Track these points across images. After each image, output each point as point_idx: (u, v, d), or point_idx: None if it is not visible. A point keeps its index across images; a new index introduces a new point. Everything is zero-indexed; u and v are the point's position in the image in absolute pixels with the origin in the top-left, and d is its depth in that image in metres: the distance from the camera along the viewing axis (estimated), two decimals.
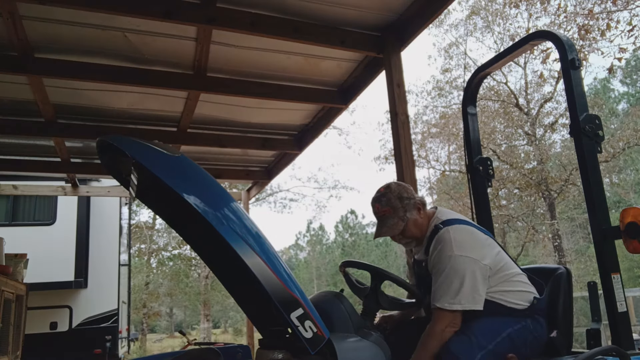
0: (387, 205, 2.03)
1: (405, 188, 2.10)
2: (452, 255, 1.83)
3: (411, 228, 2.04)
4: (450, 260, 1.83)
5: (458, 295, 1.79)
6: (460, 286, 1.79)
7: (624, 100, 27.20)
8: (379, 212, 2.05)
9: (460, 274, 1.80)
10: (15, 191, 6.57)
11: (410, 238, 2.07)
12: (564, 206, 19.13)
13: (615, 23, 11.90)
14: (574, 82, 2.04)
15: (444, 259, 1.85)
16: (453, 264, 1.82)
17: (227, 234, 1.39)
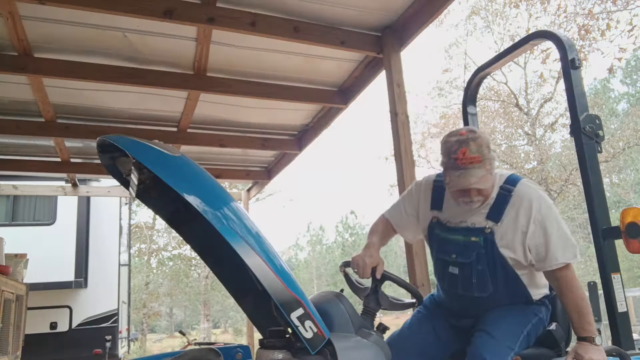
0: (477, 153, 1.68)
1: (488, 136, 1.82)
2: (552, 206, 1.76)
3: (490, 186, 1.77)
4: (552, 211, 1.74)
5: (574, 245, 1.74)
6: (570, 236, 1.75)
7: (624, 100, 27.20)
8: (467, 159, 1.67)
9: (564, 224, 1.76)
10: (15, 191, 6.57)
11: (484, 197, 1.78)
12: (564, 206, 19.13)
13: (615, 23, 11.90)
14: (574, 82, 2.05)
15: (548, 213, 1.73)
16: (556, 215, 1.75)
17: (227, 234, 1.39)
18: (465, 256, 1.81)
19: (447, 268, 1.87)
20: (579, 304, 1.72)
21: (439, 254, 1.93)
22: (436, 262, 1.97)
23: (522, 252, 1.76)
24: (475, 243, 1.80)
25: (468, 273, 1.81)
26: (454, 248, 1.85)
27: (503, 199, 1.78)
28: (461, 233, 1.85)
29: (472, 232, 1.81)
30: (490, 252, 1.78)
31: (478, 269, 1.79)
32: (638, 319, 11.20)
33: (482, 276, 1.80)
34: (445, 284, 1.92)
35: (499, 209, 1.78)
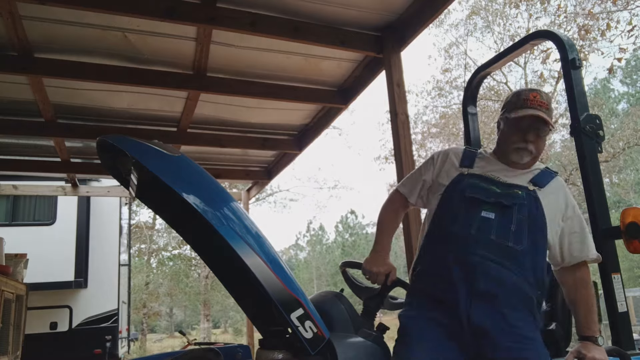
0: (547, 101, 1.73)
1: None
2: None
3: (543, 146, 1.79)
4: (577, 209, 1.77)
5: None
6: None
7: (624, 100, 27.20)
8: (537, 102, 1.71)
9: None
10: (15, 191, 6.58)
11: (537, 153, 1.75)
12: None
13: (615, 23, 11.90)
14: (575, 82, 2.04)
15: (575, 206, 1.75)
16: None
17: (227, 234, 1.39)
18: (508, 198, 1.66)
19: (479, 212, 1.66)
20: (590, 301, 1.71)
21: (470, 192, 1.71)
22: (459, 207, 1.71)
23: (556, 233, 1.70)
24: (518, 195, 1.67)
25: (507, 219, 1.64)
26: (491, 194, 1.69)
27: (548, 175, 1.76)
28: (499, 186, 1.71)
29: (513, 187, 1.70)
30: (533, 209, 1.66)
31: (519, 217, 1.64)
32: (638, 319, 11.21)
33: (520, 226, 1.63)
34: (472, 229, 1.65)
35: (543, 179, 1.73)
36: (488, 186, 1.71)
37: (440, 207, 1.78)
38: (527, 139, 1.70)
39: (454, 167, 1.82)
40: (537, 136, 1.71)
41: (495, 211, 1.65)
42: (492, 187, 1.71)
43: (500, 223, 1.64)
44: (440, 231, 1.74)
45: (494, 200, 1.67)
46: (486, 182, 1.73)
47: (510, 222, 1.64)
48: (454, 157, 1.86)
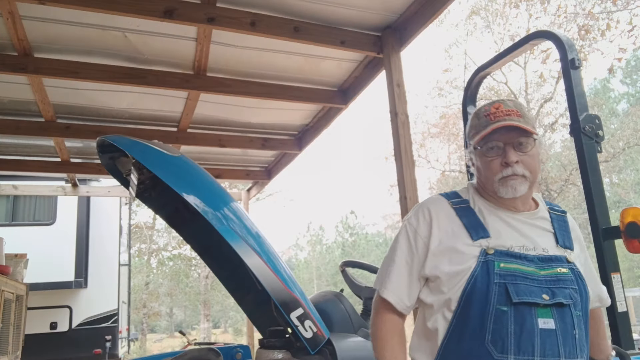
0: (516, 107, 1.34)
1: None
2: None
3: (537, 163, 1.35)
4: None
5: None
6: None
7: (624, 100, 27.20)
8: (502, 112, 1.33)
9: None
10: (15, 191, 6.57)
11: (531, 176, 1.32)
12: (564, 206, 19.08)
13: (616, 23, 11.91)
14: (574, 82, 2.04)
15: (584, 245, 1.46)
16: None
17: (227, 234, 1.39)
18: (565, 295, 1.23)
19: (534, 322, 1.18)
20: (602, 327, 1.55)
21: (517, 296, 1.20)
22: (502, 317, 1.19)
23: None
24: (566, 276, 1.26)
25: (569, 324, 1.21)
26: (541, 285, 1.22)
27: (562, 221, 1.41)
28: (539, 263, 1.27)
29: (554, 261, 1.28)
30: (582, 292, 1.28)
31: (578, 315, 1.24)
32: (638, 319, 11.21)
33: (581, 327, 1.24)
34: (534, 351, 1.17)
35: (563, 232, 1.37)
36: (531, 269, 1.25)
37: (464, 311, 1.23)
38: (508, 160, 1.30)
39: (465, 240, 1.30)
40: (521, 152, 1.31)
41: (554, 316, 1.20)
42: (534, 270, 1.25)
43: (565, 332, 1.20)
44: (470, 350, 1.21)
45: (548, 300, 1.20)
46: (525, 262, 1.26)
47: (572, 327, 1.22)
48: (450, 221, 1.35)
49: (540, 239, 1.32)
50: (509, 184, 1.31)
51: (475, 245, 1.28)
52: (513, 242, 1.29)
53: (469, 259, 1.26)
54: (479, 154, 1.35)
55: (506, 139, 1.31)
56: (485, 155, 1.34)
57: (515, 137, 1.31)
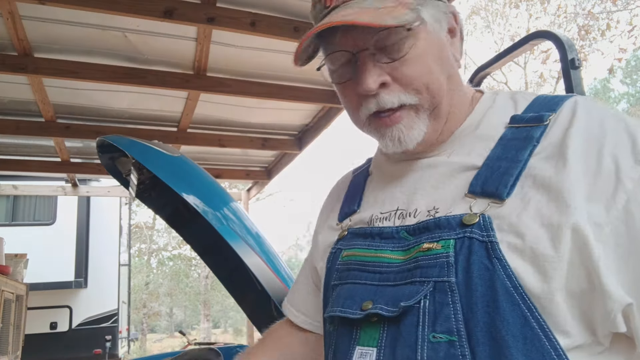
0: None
1: None
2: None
3: (429, 67, 0.70)
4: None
5: None
6: None
7: (624, 100, 27.21)
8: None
9: None
10: (15, 191, 6.57)
11: (420, 100, 0.71)
12: None
13: (616, 23, 11.91)
14: (574, 82, 2.04)
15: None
16: None
17: (227, 234, 1.39)
18: (408, 295, 0.63)
19: (348, 353, 0.67)
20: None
21: (331, 306, 0.74)
22: (327, 341, 0.77)
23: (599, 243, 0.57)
24: (434, 258, 0.63)
25: (404, 350, 0.60)
26: (385, 282, 0.69)
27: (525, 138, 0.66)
28: (405, 240, 0.70)
29: (431, 230, 0.66)
30: (479, 278, 0.58)
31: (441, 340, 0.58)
32: None
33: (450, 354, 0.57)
34: None
35: (509, 161, 0.65)
36: (370, 255, 0.72)
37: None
38: (362, 87, 0.73)
39: (324, 226, 0.91)
40: (390, 59, 0.70)
41: (379, 340, 0.64)
42: (383, 254, 0.71)
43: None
44: None
45: (371, 306, 0.65)
46: (366, 241, 0.75)
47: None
48: (334, 197, 0.94)
49: (444, 190, 0.70)
50: (385, 133, 0.74)
51: (336, 230, 0.84)
52: (381, 208, 0.77)
53: (325, 254, 0.84)
54: (330, 76, 0.87)
55: (355, 42, 0.72)
56: (335, 79, 0.86)
57: (371, 35, 0.69)
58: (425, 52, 0.69)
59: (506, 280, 0.56)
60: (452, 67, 0.73)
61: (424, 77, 0.69)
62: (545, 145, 0.64)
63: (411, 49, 0.69)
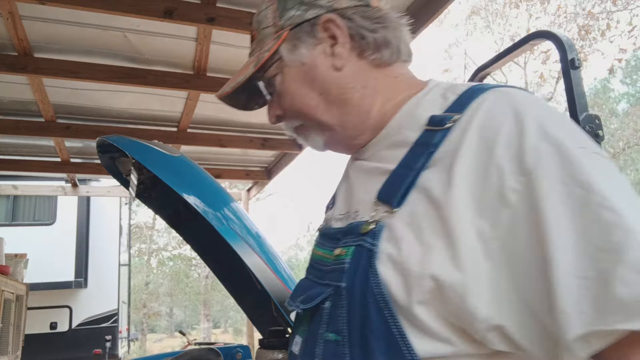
0: (256, 21, 0.80)
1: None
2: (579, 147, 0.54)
3: (296, 94, 0.76)
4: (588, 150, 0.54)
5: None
6: None
7: (624, 100, 27.20)
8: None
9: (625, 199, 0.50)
10: (15, 191, 6.58)
11: (305, 121, 0.80)
12: None
13: (616, 23, 11.92)
14: (574, 82, 2.04)
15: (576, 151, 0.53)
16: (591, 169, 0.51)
17: (227, 234, 1.39)
18: (310, 298, 0.70)
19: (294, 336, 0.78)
20: None
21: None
22: None
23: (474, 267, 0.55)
24: (337, 264, 0.68)
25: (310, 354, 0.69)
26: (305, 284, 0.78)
27: (428, 144, 0.64)
28: (335, 241, 0.73)
29: (347, 234, 0.70)
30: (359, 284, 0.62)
31: (330, 339, 0.65)
32: None
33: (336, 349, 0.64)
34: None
35: (408, 168, 0.65)
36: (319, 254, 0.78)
37: None
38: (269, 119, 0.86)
39: None
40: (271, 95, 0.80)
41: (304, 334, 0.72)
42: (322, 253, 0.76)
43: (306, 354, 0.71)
44: None
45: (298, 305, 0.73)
46: (319, 242, 0.82)
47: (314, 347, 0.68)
48: None
49: (365, 194, 0.72)
50: (301, 142, 0.87)
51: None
52: (339, 208, 0.80)
53: None
54: None
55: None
56: None
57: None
58: (289, 82, 0.75)
59: (375, 288, 0.59)
60: (327, 82, 0.73)
61: (294, 105, 0.76)
62: (442, 153, 0.62)
63: (280, 84, 0.76)
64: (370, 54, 0.74)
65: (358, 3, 0.74)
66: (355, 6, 0.73)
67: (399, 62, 0.79)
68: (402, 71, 0.79)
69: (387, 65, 0.76)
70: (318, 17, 0.72)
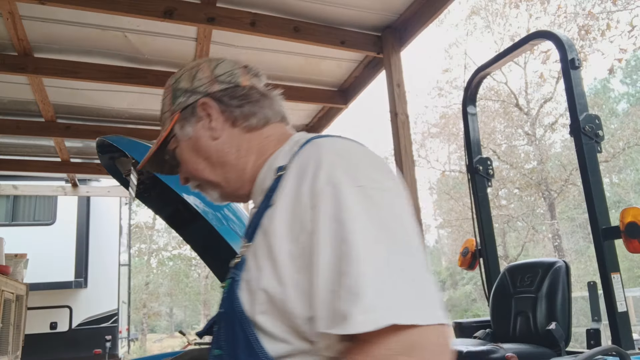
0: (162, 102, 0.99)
1: (210, 64, 0.96)
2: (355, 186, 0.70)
3: (193, 161, 0.94)
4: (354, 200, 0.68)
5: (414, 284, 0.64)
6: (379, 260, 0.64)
7: (624, 100, 27.20)
8: None
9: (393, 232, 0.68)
10: (15, 191, 6.58)
11: (203, 183, 0.96)
12: (564, 206, 19.13)
13: (616, 23, 11.92)
14: (574, 82, 2.05)
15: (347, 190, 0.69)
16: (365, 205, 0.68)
17: (227, 234, 1.39)
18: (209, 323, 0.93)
19: None
20: None
21: None
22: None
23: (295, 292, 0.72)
24: (225, 292, 0.84)
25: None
26: None
27: (275, 182, 0.82)
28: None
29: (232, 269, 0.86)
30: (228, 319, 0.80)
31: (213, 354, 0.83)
32: (638, 319, 11.21)
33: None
34: None
35: (259, 209, 0.84)
36: None
37: None
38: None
39: None
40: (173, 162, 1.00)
41: None
42: None
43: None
44: None
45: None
46: None
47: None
48: None
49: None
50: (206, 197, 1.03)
51: None
52: None
53: None
54: None
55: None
56: None
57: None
58: (183, 152, 0.95)
59: (237, 309, 0.76)
60: (208, 150, 0.93)
61: (189, 170, 0.96)
62: (276, 195, 0.78)
63: (179, 155, 0.96)
64: (241, 123, 0.92)
65: (228, 86, 0.93)
66: (226, 89, 0.93)
67: (270, 124, 0.94)
68: (273, 131, 0.94)
69: (258, 129, 0.93)
70: (197, 101, 0.92)
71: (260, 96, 0.95)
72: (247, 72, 0.97)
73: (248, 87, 0.94)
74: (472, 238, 2.58)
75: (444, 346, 0.64)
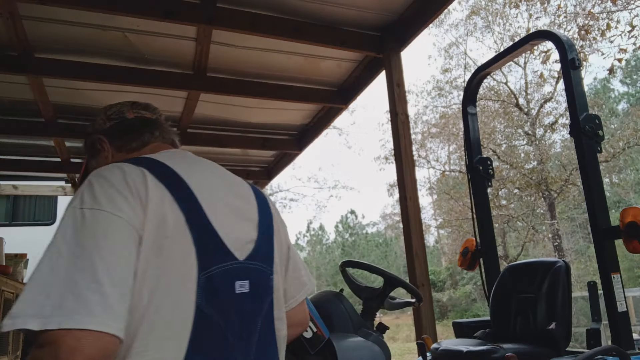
0: None
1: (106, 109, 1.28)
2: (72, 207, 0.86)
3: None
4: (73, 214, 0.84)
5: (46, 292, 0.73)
6: (50, 271, 0.76)
7: (624, 100, 27.20)
8: None
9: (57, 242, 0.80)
10: (15, 191, 6.58)
11: None
12: (564, 206, 19.13)
13: (616, 23, 11.92)
14: (574, 82, 2.05)
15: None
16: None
17: None
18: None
19: None
20: None
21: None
22: None
23: None
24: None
25: None
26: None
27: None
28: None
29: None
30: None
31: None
32: (638, 319, 11.21)
33: None
34: None
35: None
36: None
37: None
38: None
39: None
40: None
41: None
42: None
43: None
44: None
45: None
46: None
47: None
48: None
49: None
50: None
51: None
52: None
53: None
54: None
55: None
56: None
57: None
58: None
59: None
60: None
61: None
62: None
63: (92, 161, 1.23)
64: (125, 147, 1.16)
65: (115, 122, 1.21)
66: (113, 125, 1.20)
67: (150, 145, 1.17)
68: (149, 150, 1.14)
69: (137, 150, 1.16)
70: (95, 139, 1.19)
71: (142, 124, 1.20)
72: (132, 107, 1.24)
73: (133, 118, 1.21)
74: (472, 238, 2.58)
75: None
